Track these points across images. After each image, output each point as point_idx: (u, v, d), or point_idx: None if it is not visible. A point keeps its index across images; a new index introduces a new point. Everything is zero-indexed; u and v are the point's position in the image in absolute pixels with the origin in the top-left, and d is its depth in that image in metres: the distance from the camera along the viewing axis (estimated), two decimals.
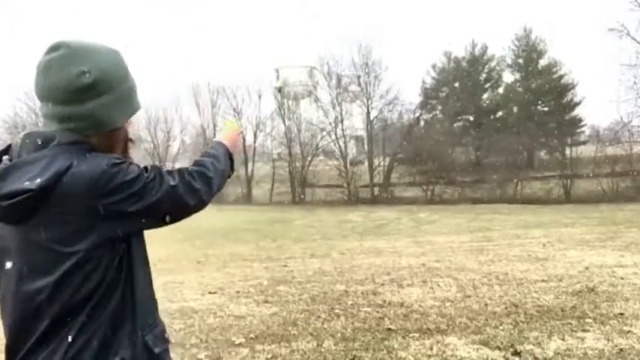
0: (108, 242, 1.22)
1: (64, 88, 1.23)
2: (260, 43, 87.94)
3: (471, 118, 40.04)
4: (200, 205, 1.40)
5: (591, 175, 30.58)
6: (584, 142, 36.64)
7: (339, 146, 38.28)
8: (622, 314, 4.61)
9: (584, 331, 4.21)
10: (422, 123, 39.07)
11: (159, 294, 1.42)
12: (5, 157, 1.27)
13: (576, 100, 37.21)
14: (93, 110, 1.26)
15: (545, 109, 37.84)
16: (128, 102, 1.34)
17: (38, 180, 1.16)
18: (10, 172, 1.20)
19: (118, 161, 1.24)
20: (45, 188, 1.16)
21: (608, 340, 3.96)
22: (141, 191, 1.24)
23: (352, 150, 40.40)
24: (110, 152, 1.30)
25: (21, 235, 1.21)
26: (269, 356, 3.97)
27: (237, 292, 6.38)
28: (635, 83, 28.15)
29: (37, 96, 1.28)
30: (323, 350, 4.03)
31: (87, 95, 1.24)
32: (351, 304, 5.42)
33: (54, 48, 1.26)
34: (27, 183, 1.16)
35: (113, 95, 1.28)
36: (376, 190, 36.91)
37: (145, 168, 1.29)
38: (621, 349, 3.75)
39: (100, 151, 1.26)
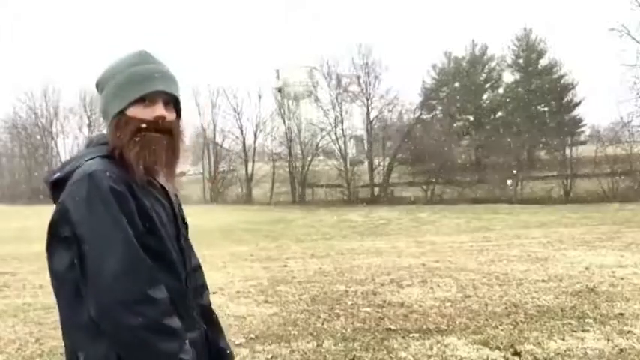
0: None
1: None
2: (260, 43, 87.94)
3: (471, 118, 40.00)
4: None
5: (591, 175, 30.56)
6: (584, 142, 36.61)
7: (339, 146, 38.28)
8: (622, 314, 4.61)
9: (584, 331, 4.21)
10: (422, 123, 38.98)
11: None
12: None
13: (576, 100, 37.22)
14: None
15: (545, 109, 37.80)
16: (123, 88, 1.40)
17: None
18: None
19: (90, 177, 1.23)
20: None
21: (608, 340, 3.96)
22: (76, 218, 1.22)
23: (352, 150, 40.39)
24: (117, 145, 1.31)
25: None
26: (269, 356, 3.96)
27: (237, 292, 6.37)
28: (635, 83, 28.08)
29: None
30: (323, 350, 4.03)
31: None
32: (351, 304, 5.42)
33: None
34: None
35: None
36: (376, 190, 36.88)
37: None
38: (621, 349, 3.75)
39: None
